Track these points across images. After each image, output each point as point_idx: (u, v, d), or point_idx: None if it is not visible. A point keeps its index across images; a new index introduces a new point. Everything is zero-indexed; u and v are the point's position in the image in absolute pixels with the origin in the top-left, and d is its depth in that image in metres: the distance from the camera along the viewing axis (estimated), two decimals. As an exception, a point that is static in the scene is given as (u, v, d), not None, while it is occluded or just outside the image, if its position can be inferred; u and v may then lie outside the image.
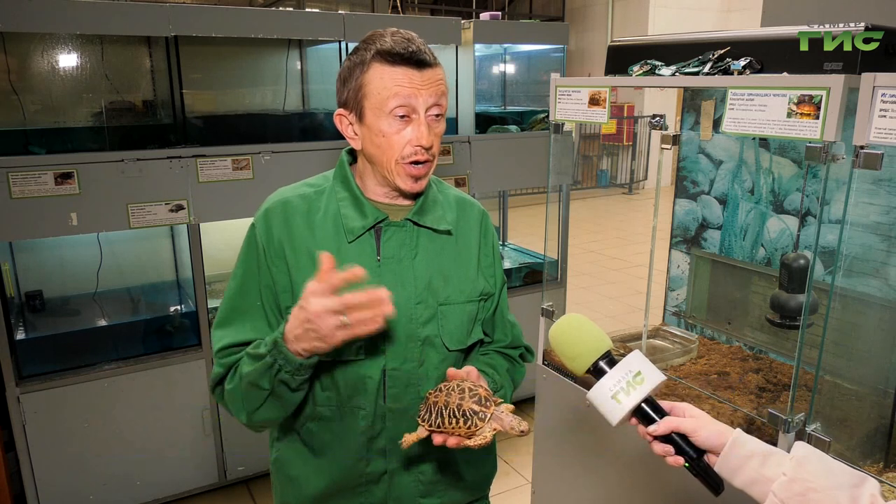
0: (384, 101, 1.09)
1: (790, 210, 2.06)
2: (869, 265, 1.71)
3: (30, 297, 2.78)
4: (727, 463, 0.94)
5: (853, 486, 0.87)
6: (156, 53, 2.66)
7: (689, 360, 2.10)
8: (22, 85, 2.50)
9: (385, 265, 1.18)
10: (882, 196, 1.67)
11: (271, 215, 1.19)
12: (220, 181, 2.61)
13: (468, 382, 1.08)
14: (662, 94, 9.63)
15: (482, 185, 3.25)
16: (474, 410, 1.03)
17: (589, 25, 11.76)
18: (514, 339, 1.38)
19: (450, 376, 1.12)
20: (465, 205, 1.32)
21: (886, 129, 1.18)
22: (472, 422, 1.03)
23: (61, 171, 2.34)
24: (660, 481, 1.77)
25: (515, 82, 4.04)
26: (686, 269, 2.44)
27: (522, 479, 2.97)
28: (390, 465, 1.24)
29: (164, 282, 3.15)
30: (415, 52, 1.09)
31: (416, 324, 1.19)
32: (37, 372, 2.47)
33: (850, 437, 1.63)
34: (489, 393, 1.08)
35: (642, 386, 0.97)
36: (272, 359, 1.07)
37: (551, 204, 2.32)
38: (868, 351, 1.75)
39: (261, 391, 1.11)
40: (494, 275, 1.32)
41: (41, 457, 2.48)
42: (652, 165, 11.03)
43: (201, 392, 2.74)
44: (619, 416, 0.97)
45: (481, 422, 1.03)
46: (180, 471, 2.78)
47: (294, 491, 1.28)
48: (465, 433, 1.04)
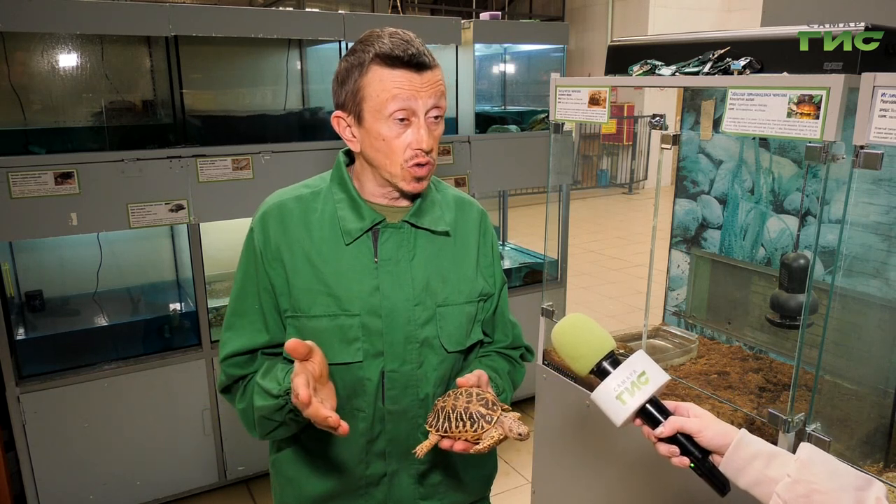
0: (383, 104, 1.08)
1: (790, 210, 2.06)
2: (869, 265, 1.71)
3: (30, 297, 2.78)
4: (731, 463, 0.94)
5: (858, 488, 0.86)
6: (156, 53, 2.66)
7: (689, 360, 2.10)
8: (22, 85, 2.50)
9: (382, 267, 1.18)
10: (882, 196, 1.67)
11: (268, 219, 1.19)
12: (220, 181, 2.61)
13: (476, 389, 1.08)
14: (662, 93, 9.62)
15: (482, 185, 3.25)
16: (481, 413, 1.03)
17: (589, 25, 11.76)
18: (515, 339, 1.37)
19: (459, 384, 1.11)
20: (464, 205, 1.31)
21: (886, 128, 1.18)
22: (478, 425, 1.03)
23: (61, 171, 2.34)
24: (660, 480, 1.77)
25: (515, 82, 4.04)
26: (686, 268, 2.44)
27: (522, 478, 2.97)
28: (390, 468, 1.23)
29: (164, 282, 3.15)
30: (414, 54, 1.07)
31: (415, 325, 1.18)
32: (37, 372, 2.47)
33: (850, 437, 1.63)
34: (496, 398, 1.08)
35: (647, 386, 0.96)
36: (284, 401, 1.08)
37: (551, 204, 2.32)
38: (868, 351, 1.75)
39: (272, 422, 1.14)
40: (494, 275, 1.31)
41: (41, 457, 2.48)
42: (652, 165, 11.03)
43: (201, 392, 2.74)
44: (623, 416, 0.96)
45: (488, 424, 1.03)
46: (180, 470, 2.78)
47: (293, 492, 1.27)
48: (472, 437, 1.04)
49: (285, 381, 1.08)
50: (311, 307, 1.16)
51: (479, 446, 1.03)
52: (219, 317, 2.87)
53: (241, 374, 1.20)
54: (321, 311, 1.16)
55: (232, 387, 1.22)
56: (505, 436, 1.04)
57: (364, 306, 1.16)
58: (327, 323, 1.16)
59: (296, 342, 0.97)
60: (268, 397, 1.10)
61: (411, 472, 1.25)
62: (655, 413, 0.97)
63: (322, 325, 1.16)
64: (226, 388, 1.23)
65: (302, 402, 0.95)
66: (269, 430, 1.16)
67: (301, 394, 0.94)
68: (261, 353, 1.21)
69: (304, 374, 0.97)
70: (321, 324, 1.16)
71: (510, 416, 1.06)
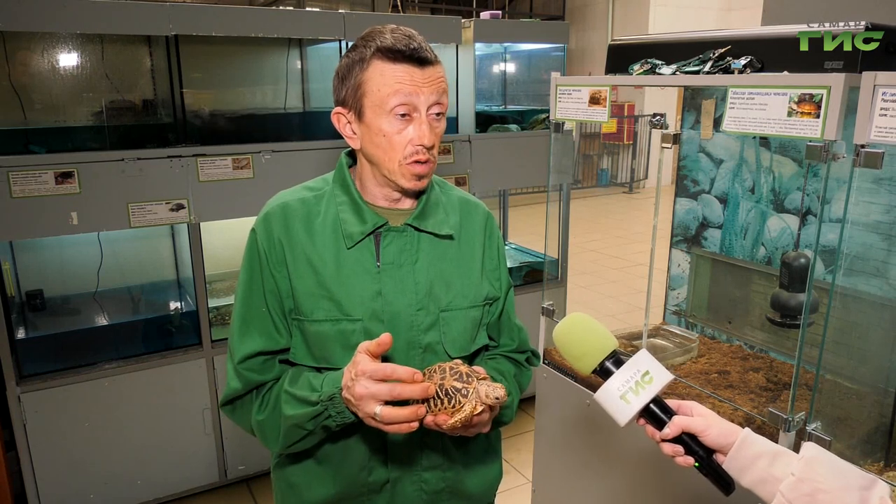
0: (385, 98, 1.07)
1: (791, 209, 2.06)
2: (869, 264, 1.71)
3: (30, 297, 2.78)
4: (735, 462, 0.94)
5: (862, 487, 0.86)
6: (156, 52, 2.66)
7: (690, 360, 2.10)
8: (22, 84, 2.50)
9: (385, 271, 1.16)
10: (883, 195, 1.67)
11: (271, 219, 1.17)
12: (220, 180, 2.61)
13: (450, 363, 1.07)
14: (663, 93, 9.62)
15: (482, 185, 3.25)
16: (456, 388, 1.02)
17: (589, 24, 11.76)
18: (521, 343, 1.35)
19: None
20: (469, 207, 1.29)
21: (887, 127, 1.18)
22: (455, 400, 1.02)
23: (62, 171, 2.34)
24: (662, 479, 1.78)
25: (516, 81, 4.04)
26: (686, 268, 2.44)
27: (523, 478, 2.97)
28: (392, 475, 1.21)
29: (165, 281, 3.15)
30: (416, 49, 1.06)
31: (417, 331, 1.17)
32: (37, 371, 2.47)
33: (851, 436, 1.63)
34: (470, 369, 1.06)
35: (651, 386, 0.96)
36: (323, 407, 1.07)
37: (552, 203, 2.32)
38: (868, 350, 1.75)
39: (303, 430, 1.12)
40: (500, 278, 1.29)
41: (42, 456, 2.49)
42: (652, 164, 11.03)
43: (202, 391, 2.74)
44: (628, 416, 0.96)
45: (464, 398, 1.02)
46: (181, 470, 2.78)
47: (295, 498, 1.25)
48: (451, 413, 1.02)
49: (324, 387, 1.07)
50: (313, 311, 1.15)
51: (452, 420, 1.02)
52: (219, 316, 2.87)
53: (259, 380, 1.16)
54: (323, 315, 1.14)
55: (243, 397, 1.18)
56: (484, 406, 1.03)
57: (366, 311, 1.14)
58: (329, 328, 1.14)
59: (371, 347, 1.01)
60: (303, 405, 1.09)
61: (414, 479, 1.23)
62: (659, 413, 0.97)
63: (324, 330, 1.14)
64: (230, 400, 1.18)
65: (380, 344, 0.99)
66: (295, 440, 1.14)
67: (380, 339, 0.99)
68: (278, 361, 1.19)
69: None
70: (323, 328, 1.14)
71: (485, 383, 1.04)
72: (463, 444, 1.26)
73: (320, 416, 1.08)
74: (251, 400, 1.18)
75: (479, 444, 1.30)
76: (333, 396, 1.05)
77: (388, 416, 0.99)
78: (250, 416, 1.18)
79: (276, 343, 1.17)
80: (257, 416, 1.17)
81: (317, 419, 1.09)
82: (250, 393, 1.18)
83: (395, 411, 0.99)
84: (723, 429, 0.96)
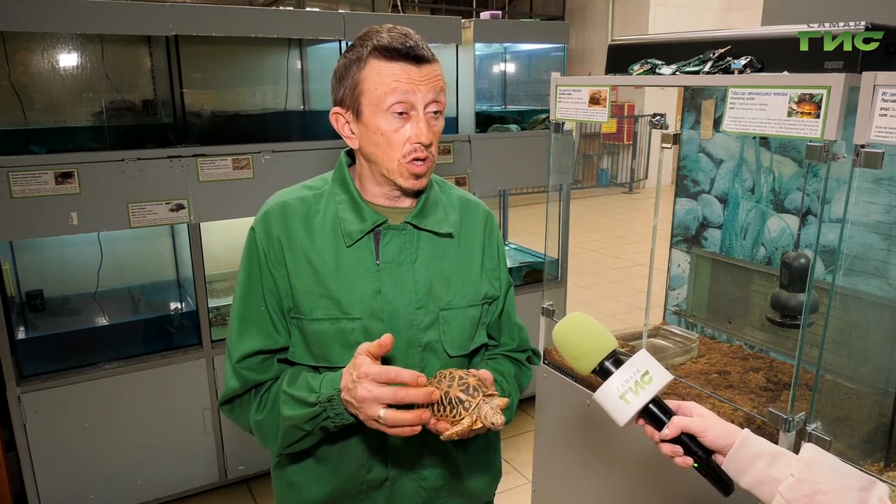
0: (382, 97, 1.07)
1: (791, 209, 2.06)
2: (870, 264, 1.71)
3: (30, 297, 2.78)
4: (734, 463, 0.94)
5: (862, 489, 0.86)
6: (156, 53, 2.66)
7: (690, 360, 2.10)
8: (22, 84, 2.50)
9: (384, 270, 1.16)
10: (883, 195, 1.67)
11: (270, 218, 1.17)
12: (220, 180, 2.61)
13: (461, 372, 1.06)
14: (663, 93, 9.63)
15: (482, 185, 3.25)
16: (460, 399, 1.01)
17: (589, 24, 11.76)
18: (522, 342, 1.35)
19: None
20: (469, 206, 1.29)
21: (887, 127, 1.18)
22: (456, 411, 1.01)
23: (61, 171, 2.34)
24: (661, 479, 1.77)
25: (516, 81, 4.04)
26: (686, 268, 2.44)
27: (523, 478, 2.97)
28: (391, 473, 1.22)
29: (165, 281, 3.15)
30: (412, 47, 1.06)
31: (417, 329, 1.17)
32: (37, 371, 2.47)
33: (851, 436, 1.63)
34: (479, 382, 1.06)
35: (650, 386, 0.96)
36: (321, 408, 1.07)
37: (552, 203, 2.32)
38: (868, 350, 1.75)
39: (301, 431, 1.12)
40: (500, 277, 1.29)
41: (42, 456, 2.49)
42: (652, 164, 11.03)
43: (202, 391, 2.74)
44: (627, 416, 0.96)
45: (465, 411, 1.01)
46: (181, 470, 2.78)
47: (295, 497, 1.26)
48: (451, 421, 1.02)
49: (322, 388, 1.07)
50: (312, 310, 1.14)
51: (449, 431, 1.01)
52: (219, 316, 2.87)
53: (257, 379, 1.16)
54: (322, 314, 1.14)
55: (241, 397, 1.18)
56: (482, 425, 1.02)
57: (365, 310, 1.14)
58: (328, 326, 1.14)
59: (372, 348, 1.01)
60: (301, 406, 1.08)
61: (413, 477, 1.23)
62: (659, 413, 0.97)
63: (323, 329, 1.14)
64: (228, 399, 1.18)
65: (385, 343, 1.00)
66: (293, 441, 1.14)
67: (381, 341, 1.00)
68: (276, 360, 1.19)
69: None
70: (322, 327, 1.14)
71: (491, 402, 1.04)
72: (462, 442, 1.26)
73: (318, 417, 1.08)
74: (249, 399, 1.18)
75: (478, 443, 1.30)
76: (332, 398, 1.05)
77: (393, 419, 0.98)
78: (249, 415, 1.18)
79: (274, 342, 1.17)
80: (255, 415, 1.17)
81: (315, 420, 1.08)
82: (248, 392, 1.18)
83: (399, 415, 0.98)
84: (722, 429, 0.96)
